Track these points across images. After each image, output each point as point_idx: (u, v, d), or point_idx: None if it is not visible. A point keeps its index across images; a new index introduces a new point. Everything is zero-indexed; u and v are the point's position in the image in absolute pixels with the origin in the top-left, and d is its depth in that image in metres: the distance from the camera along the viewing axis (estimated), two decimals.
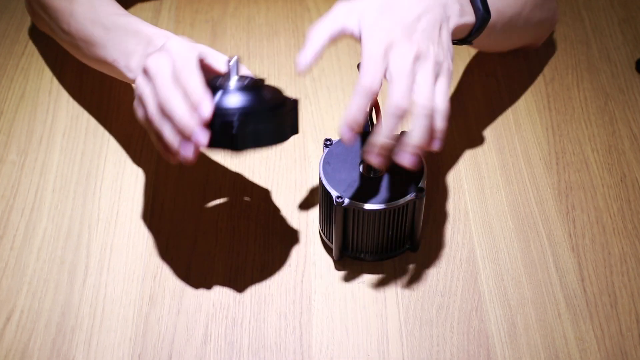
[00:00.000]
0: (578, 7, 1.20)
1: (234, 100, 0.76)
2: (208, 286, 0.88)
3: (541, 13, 1.04)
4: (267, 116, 0.77)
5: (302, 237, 0.93)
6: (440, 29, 0.81)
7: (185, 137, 0.75)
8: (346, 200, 0.84)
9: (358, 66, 0.81)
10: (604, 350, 0.83)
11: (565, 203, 0.96)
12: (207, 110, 0.75)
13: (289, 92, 1.08)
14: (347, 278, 0.89)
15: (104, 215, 0.95)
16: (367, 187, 0.85)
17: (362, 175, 0.86)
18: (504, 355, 0.83)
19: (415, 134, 0.76)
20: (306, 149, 1.02)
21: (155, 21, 1.17)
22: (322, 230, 0.91)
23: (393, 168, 0.83)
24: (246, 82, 0.78)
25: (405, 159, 0.77)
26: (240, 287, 0.88)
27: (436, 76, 0.78)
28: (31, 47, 1.14)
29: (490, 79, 1.10)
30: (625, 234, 0.93)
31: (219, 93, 0.77)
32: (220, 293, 0.88)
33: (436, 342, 0.84)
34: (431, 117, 0.76)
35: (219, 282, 0.89)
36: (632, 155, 1.01)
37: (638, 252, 0.91)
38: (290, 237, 0.93)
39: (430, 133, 0.77)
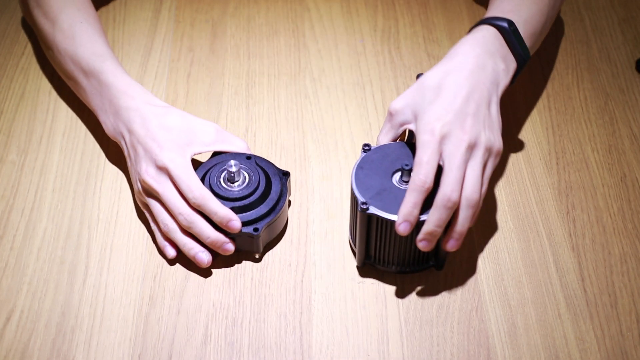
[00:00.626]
0: (578, 7, 1.20)
1: (252, 208, 0.89)
2: (208, 286, 0.88)
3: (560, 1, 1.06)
4: (278, 217, 0.89)
5: (302, 237, 0.93)
6: (489, 105, 0.87)
7: (213, 249, 0.88)
8: (371, 208, 0.83)
9: (418, 76, 0.88)
10: (604, 350, 0.83)
11: (566, 203, 0.96)
12: (237, 228, 0.87)
13: (289, 91, 1.08)
14: (347, 278, 0.89)
15: (104, 215, 0.94)
16: (396, 197, 0.84)
17: (393, 186, 0.85)
18: (504, 355, 0.83)
19: (461, 222, 0.82)
20: (306, 149, 1.02)
21: (155, 21, 1.17)
22: (350, 234, 0.91)
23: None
24: (250, 184, 0.89)
25: (452, 245, 0.83)
26: (240, 287, 0.88)
27: (485, 163, 0.84)
28: (31, 47, 1.14)
29: None
30: (625, 234, 0.93)
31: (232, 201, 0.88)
32: (220, 293, 0.88)
33: (436, 342, 0.84)
34: (476, 207, 0.82)
35: (219, 282, 0.89)
36: (632, 155, 1.01)
37: (638, 252, 0.91)
38: (291, 237, 0.93)
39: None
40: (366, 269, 0.90)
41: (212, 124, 0.93)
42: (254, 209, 0.89)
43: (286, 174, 0.92)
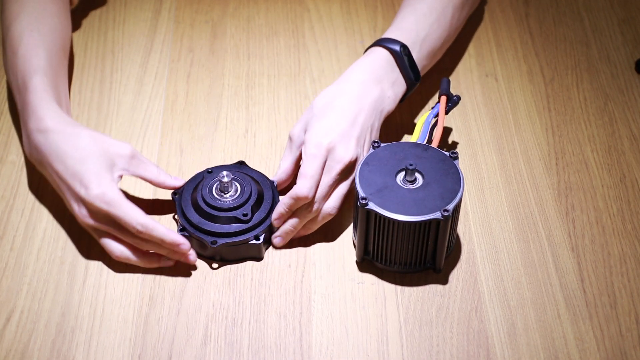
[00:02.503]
0: (578, 8, 1.20)
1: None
2: (208, 286, 0.88)
3: (468, 7, 1.07)
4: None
5: (302, 237, 0.93)
6: (371, 131, 0.92)
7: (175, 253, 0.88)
8: (370, 204, 0.84)
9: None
10: (604, 351, 0.83)
11: (565, 203, 0.96)
12: (186, 249, 0.87)
13: (289, 92, 1.08)
14: (347, 278, 0.89)
15: None
16: (397, 196, 0.84)
17: (396, 184, 0.85)
18: (504, 355, 0.83)
19: (309, 227, 0.91)
20: None
21: (155, 21, 1.17)
22: (353, 228, 0.91)
23: (432, 182, 0.84)
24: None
25: (277, 242, 0.91)
26: (240, 287, 0.89)
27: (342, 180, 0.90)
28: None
29: (490, 79, 1.10)
30: (625, 235, 0.93)
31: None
32: (220, 293, 0.88)
33: (436, 342, 0.84)
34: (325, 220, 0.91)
35: (219, 282, 0.89)
36: (632, 155, 1.01)
37: (638, 252, 0.91)
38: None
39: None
40: (366, 268, 0.90)
41: (127, 146, 0.88)
42: (251, 216, 0.90)
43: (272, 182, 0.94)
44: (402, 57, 0.95)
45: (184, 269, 0.90)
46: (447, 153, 0.88)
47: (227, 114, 1.06)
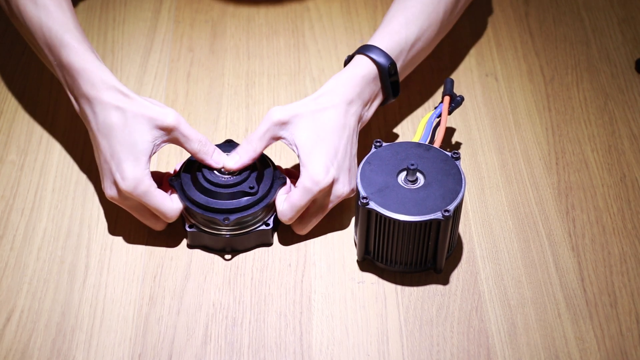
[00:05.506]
0: (578, 7, 1.20)
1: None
2: (208, 286, 0.88)
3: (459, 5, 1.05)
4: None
5: (302, 237, 0.93)
6: (354, 153, 0.91)
7: None
8: (371, 203, 0.84)
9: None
10: (604, 350, 0.83)
11: (565, 203, 0.96)
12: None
13: (289, 91, 1.08)
14: (347, 278, 0.89)
15: (103, 215, 0.94)
16: (398, 196, 0.84)
17: (397, 184, 0.85)
18: (504, 355, 0.83)
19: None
20: None
21: (155, 21, 1.17)
22: (354, 227, 0.91)
23: (433, 182, 0.84)
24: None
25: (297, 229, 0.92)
26: (240, 287, 0.88)
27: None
28: (31, 47, 1.14)
29: (490, 79, 1.10)
30: (625, 234, 0.93)
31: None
32: (220, 293, 0.88)
33: (436, 342, 0.84)
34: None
35: (219, 282, 0.89)
36: (632, 155, 1.01)
37: (638, 252, 0.91)
38: (291, 237, 0.93)
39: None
40: (366, 267, 0.90)
41: (171, 113, 0.86)
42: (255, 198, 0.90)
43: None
44: (387, 75, 0.93)
45: (184, 269, 0.90)
46: (449, 153, 0.88)
47: (227, 114, 1.06)
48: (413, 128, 1.04)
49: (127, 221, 0.94)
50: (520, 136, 1.03)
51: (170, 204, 0.88)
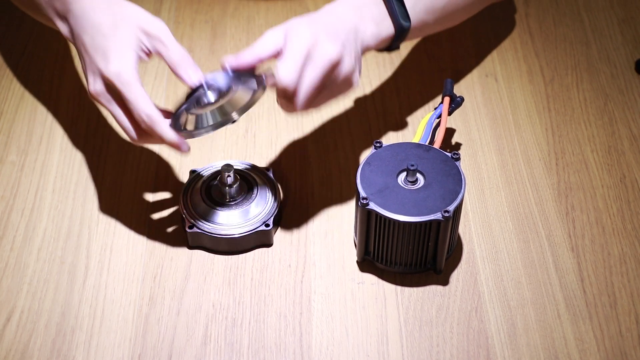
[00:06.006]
0: (578, 8, 1.20)
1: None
2: (208, 286, 0.88)
3: None
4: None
5: (302, 237, 0.93)
6: (355, 52, 0.85)
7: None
8: (371, 204, 0.84)
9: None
10: (604, 351, 0.83)
11: (565, 204, 0.96)
12: (187, 149, 0.83)
13: None
14: (347, 278, 0.89)
15: (103, 215, 0.95)
16: (398, 196, 0.84)
17: (397, 185, 0.85)
18: (504, 355, 0.83)
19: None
20: (306, 149, 1.02)
21: None
22: (354, 228, 0.91)
23: (433, 183, 0.84)
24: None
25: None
26: (240, 287, 0.89)
27: (336, 89, 0.85)
28: (31, 47, 1.14)
29: (490, 79, 1.10)
30: (624, 235, 0.93)
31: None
32: (220, 293, 0.88)
33: (436, 342, 0.84)
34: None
35: (219, 282, 0.89)
36: (632, 155, 1.01)
37: (638, 252, 0.91)
38: (290, 237, 0.93)
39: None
40: (366, 268, 0.90)
41: (159, 22, 0.84)
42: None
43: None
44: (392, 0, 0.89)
45: (184, 269, 0.90)
46: (449, 154, 0.88)
47: None
48: (413, 129, 1.04)
49: (127, 221, 0.94)
50: (520, 137, 1.03)
51: (151, 107, 0.81)
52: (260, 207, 0.92)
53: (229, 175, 0.91)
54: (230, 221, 0.90)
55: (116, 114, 0.83)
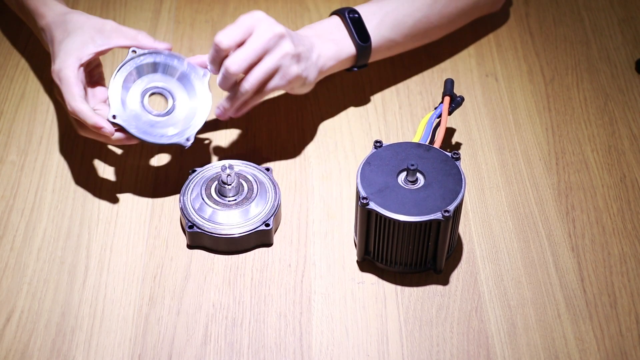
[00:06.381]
0: (578, 7, 1.20)
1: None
2: (208, 286, 0.88)
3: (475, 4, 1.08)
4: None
5: (302, 237, 0.93)
6: (300, 55, 0.93)
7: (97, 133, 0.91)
8: (371, 204, 0.84)
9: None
10: (604, 351, 0.83)
11: (565, 203, 0.96)
12: (111, 132, 0.90)
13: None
14: (347, 278, 0.89)
15: (104, 215, 0.95)
16: (399, 196, 0.84)
17: (397, 184, 0.85)
18: (504, 355, 0.83)
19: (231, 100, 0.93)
20: (306, 149, 1.02)
21: (155, 21, 1.17)
22: (354, 227, 0.91)
23: (434, 183, 0.84)
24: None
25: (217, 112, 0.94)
26: (240, 287, 0.89)
27: (282, 72, 0.92)
28: (31, 47, 1.14)
29: (490, 79, 1.10)
30: (625, 234, 0.93)
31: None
32: (220, 293, 0.88)
33: (436, 342, 0.84)
34: (243, 97, 0.92)
35: (219, 282, 0.89)
36: (632, 155, 1.01)
37: (638, 252, 0.91)
38: (290, 237, 0.93)
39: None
40: (366, 268, 0.90)
41: (108, 22, 0.94)
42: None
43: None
44: (347, 19, 0.98)
45: (184, 269, 0.90)
46: (449, 154, 0.88)
47: None
48: (413, 128, 1.04)
49: (127, 221, 0.94)
50: (520, 136, 1.03)
51: (77, 99, 0.89)
52: (260, 207, 0.92)
53: (229, 175, 0.91)
54: (230, 221, 0.90)
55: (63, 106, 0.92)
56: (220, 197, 0.92)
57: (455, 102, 0.95)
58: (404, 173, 0.86)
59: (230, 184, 0.91)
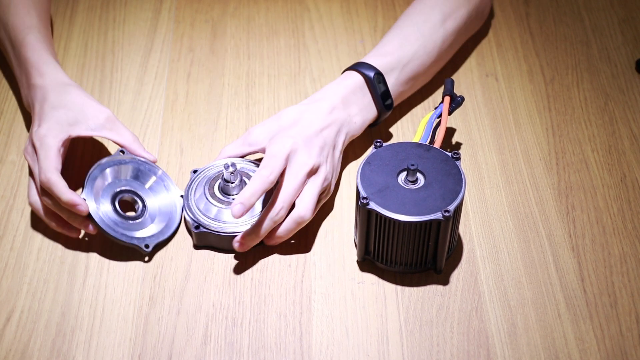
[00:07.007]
0: (578, 7, 1.20)
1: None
2: (208, 286, 0.88)
3: (467, 31, 1.09)
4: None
5: (302, 237, 0.93)
6: (334, 147, 0.93)
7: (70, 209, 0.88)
8: (371, 204, 0.84)
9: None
10: (604, 351, 0.83)
11: (565, 203, 0.96)
12: (85, 211, 0.87)
13: (289, 92, 1.08)
14: (347, 278, 0.89)
15: None
16: (399, 196, 0.84)
17: (397, 184, 0.85)
18: (504, 355, 0.83)
19: (283, 232, 0.89)
20: None
21: (155, 21, 1.17)
22: (354, 227, 0.91)
23: (434, 183, 0.84)
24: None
25: (273, 241, 0.90)
26: (240, 287, 0.88)
27: (320, 192, 0.90)
28: None
29: (490, 79, 1.10)
30: (625, 234, 0.93)
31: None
32: (220, 293, 0.88)
33: (436, 342, 0.84)
34: (302, 224, 0.89)
35: (219, 282, 0.89)
36: (632, 155, 1.01)
37: (638, 252, 0.91)
38: (290, 236, 0.93)
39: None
40: (366, 268, 0.90)
41: (106, 110, 0.93)
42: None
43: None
44: (375, 84, 0.96)
45: (184, 269, 0.90)
46: (449, 153, 0.88)
47: (227, 114, 1.06)
48: (413, 128, 1.04)
49: None
50: (520, 136, 1.03)
51: (53, 170, 0.87)
52: (265, 204, 0.92)
53: (232, 173, 0.91)
54: (236, 219, 0.90)
55: (34, 173, 0.89)
56: (225, 195, 0.92)
57: (455, 102, 0.95)
58: (404, 173, 0.86)
59: (234, 182, 0.91)
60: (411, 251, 0.86)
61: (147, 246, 0.90)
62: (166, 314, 0.86)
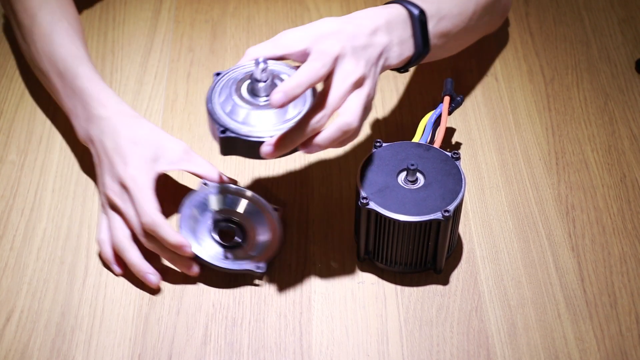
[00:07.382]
0: (578, 7, 1.20)
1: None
2: (208, 286, 0.88)
3: (491, 15, 1.04)
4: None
5: (302, 237, 0.93)
6: (376, 64, 0.85)
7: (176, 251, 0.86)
8: (371, 203, 0.84)
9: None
10: (604, 351, 0.83)
11: (565, 203, 0.96)
12: (190, 253, 0.86)
13: None
14: (347, 278, 0.89)
15: None
16: (399, 196, 0.84)
17: (397, 184, 0.85)
18: (504, 355, 0.83)
19: (324, 139, 0.80)
20: None
21: (155, 21, 1.17)
22: (354, 227, 0.91)
23: (434, 183, 0.84)
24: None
25: (310, 149, 0.80)
26: (240, 287, 0.88)
27: (364, 106, 0.82)
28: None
29: (490, 79, 1.10)
30: (625, 234, 0.93)
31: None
32: (220, 293, 0.88)
33: (436, 342, 0.84)
34: (345, 134, 0.80)
35: (219, 282, 0.89)
36: (632, 155, 1.01)
37: (638, 252, 0.91)
38: (290, 237, 0.93)
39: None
40: (366, 267, 0.90)
41: (181, 143, 0.92)
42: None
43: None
44: (417, 21, 0.88)
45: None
46: (449, 153, 0.88)
47: None
48: (413, 128, 1.04)
49: None
50: (520, 136, 1.03)
51: (157, 212, 0.85)
52: (298, 108, 0.82)
53: (263, 70, 0.80)
54: (266, 122, 0.80)
55: (127, 215, 0.87)
56: (253, 97, 0.82)
57: (455, 102, 0.95)
58: (404, 173, 0.86)
59: (265, 81, 0.81)
60: (411, 251, 0.86)
61: (259, 267, 0.88)
62: (166, 314, 0.86)
